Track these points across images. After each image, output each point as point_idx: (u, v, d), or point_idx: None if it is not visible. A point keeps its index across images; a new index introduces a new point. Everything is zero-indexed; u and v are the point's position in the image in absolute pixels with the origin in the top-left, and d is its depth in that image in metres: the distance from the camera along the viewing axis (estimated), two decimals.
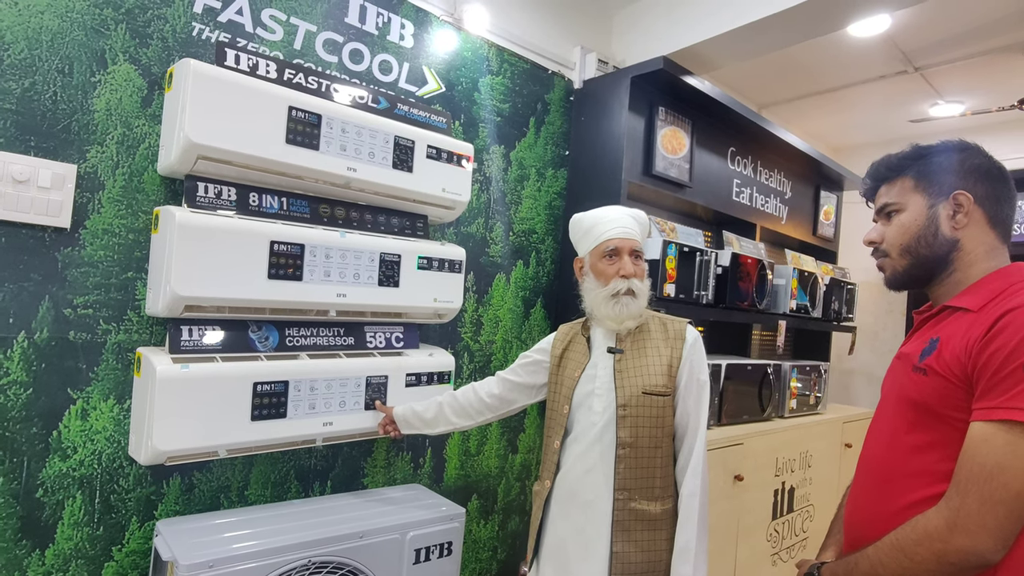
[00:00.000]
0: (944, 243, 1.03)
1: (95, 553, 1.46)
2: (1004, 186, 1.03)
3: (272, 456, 1.74)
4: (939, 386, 0.95)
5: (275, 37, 1.70)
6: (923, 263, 1.06)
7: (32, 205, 1.35)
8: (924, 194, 1.06)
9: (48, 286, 1.39)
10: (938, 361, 0.96)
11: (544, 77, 2.40)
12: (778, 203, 3.19)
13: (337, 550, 1.49)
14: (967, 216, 1.02)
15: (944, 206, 1.03)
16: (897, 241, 1.08)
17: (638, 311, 1.49)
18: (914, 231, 1.06)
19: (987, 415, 0.87)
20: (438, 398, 1.69)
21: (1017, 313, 0.89)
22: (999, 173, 1.04)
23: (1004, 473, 0.84)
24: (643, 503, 1.41)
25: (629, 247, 1.51)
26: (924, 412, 0.98)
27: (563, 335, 1.63)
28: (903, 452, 1.00)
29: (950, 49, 2.84)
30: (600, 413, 1.46)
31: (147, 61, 1.50)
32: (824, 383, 3.09)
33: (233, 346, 1.53)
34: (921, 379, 0.99)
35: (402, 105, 1.81)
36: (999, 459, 0.84)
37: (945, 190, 1.03)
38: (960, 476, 0.88)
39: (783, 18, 2.15)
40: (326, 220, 1.67)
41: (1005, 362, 0.87)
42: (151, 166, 1.52)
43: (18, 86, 1.35)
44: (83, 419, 1.44)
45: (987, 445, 0.86)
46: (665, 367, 1.46)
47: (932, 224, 1.04)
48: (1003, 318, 0.90)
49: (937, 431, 0.96)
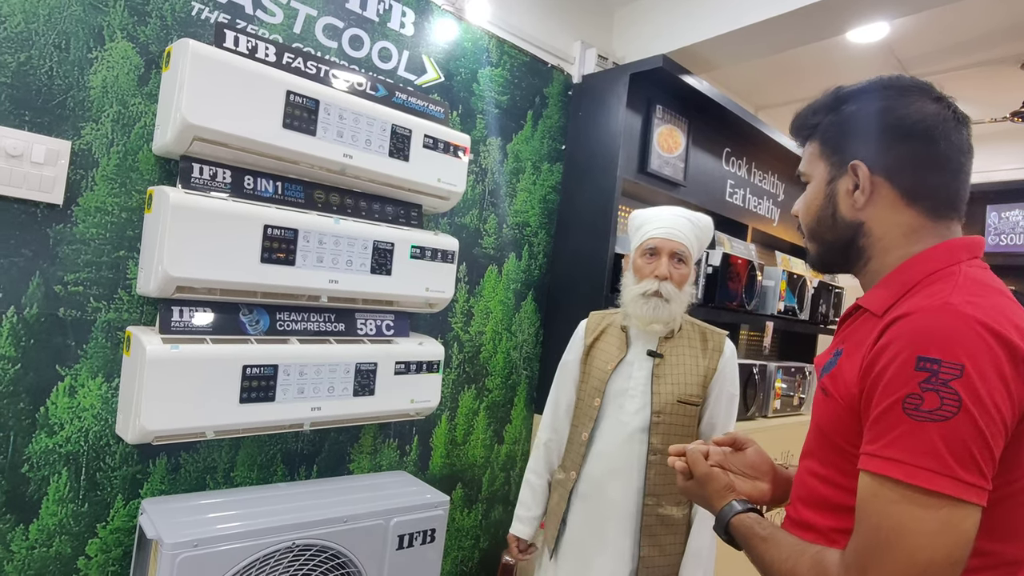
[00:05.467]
0: (845, 227, 0.83)
1: (79, 529, 1.47)
2: (929, 146, 0.78)
3: (259, 439, 1.75)
4: (837, 412, 0.77)
5: (275, 20, 1.69)
6: (830, 250, 0.87)
7: (25, 180, 1.34)
8: (827, 163, 0.85)
9: (39, 262, 1.39)
10: (834, 382, 0.79)
11: (543, 71, 2.40)
12: (771, 205, 3.22)
13: (321, 533, 1.51)
14: (864, 193, 0.80)
15: (844, 180, 0.83)
16: (804, 221, 0.90)
17: (668, 316, 1.46)
18: (814, 211, 0.87)
19: (867, 464, 0.69)
20: (528, 482, 1.66)
21: (903, 323, 0.69)
22: (919, 129, 0.78)
23: (904, 540, 0.65)
24: (669, 508, 1.44)
25: (670, 248, 1.47)
26: (827, 442, 0.81)
27: (595, 323, 1.61)
28: (813, 482, 0.84)
29: (946, 59, 2.87)
30: (632, 415, 1.45)
31: (145, 39, 1.50)
32: (808, 385, 3.13)
33: (223, 328, 1.53)
34: (823, 401, 0.81)
35: (400, 93, 1.81)
36: (894, 524, 0.65)
37: (845, 159, 0.82)
38: (858, 540, 0.69)
39: (783, 21, 2.16)
40: (320, 206, 1.67)
41: (884, 391, 0.68)
42: (146, 145, 1.51)
43: (14, 60, 1.34)
44: (71, 396, 1.44)
45: (877, 502, 0.67)
46: (700, 377, 1.46)
47: (830, 203, 0.84)
48: (889, 329, 0.70)
49: (841, 467, 0.78)
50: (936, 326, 0.67)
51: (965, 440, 0.63)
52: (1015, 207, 3.26)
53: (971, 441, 0.63)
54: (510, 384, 2.37)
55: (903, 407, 0.66)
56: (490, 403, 2.31)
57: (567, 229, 2.42)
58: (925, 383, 0.65)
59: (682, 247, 1.48)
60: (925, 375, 0.65)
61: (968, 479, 0.63)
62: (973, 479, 0.64)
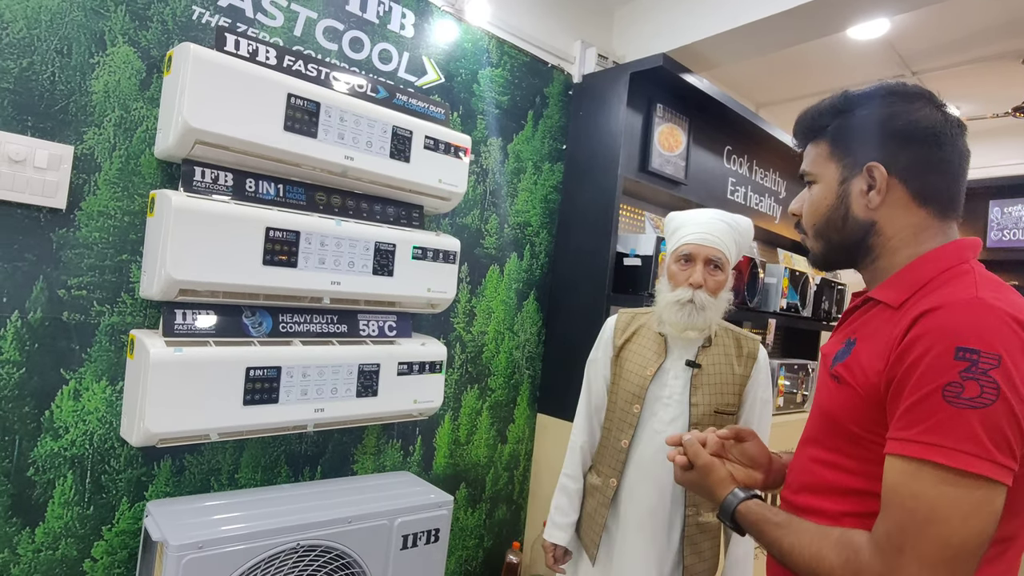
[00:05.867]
0: (857, 227, 0.86)
1: (85, 532, 1.48)
2: (936, 151, 0.82)
3: (263, 440, 1.75)
4: (851, 399, 0.80)
5: (275, 23, 1.70)
6: (836, 249, 0.90)
7: (28, 185, 1.35)
8: (839, 164, 0.87)
9: (43, 266, 1.39)
10: (849, 370, 0.81)
11: (543, 71, 2.40)
12: (772, 203, 3.21)
13: (326, 534, 1.51)
14: (880, 194, 0.83)
15: (857, 181, 0.85)
16: (810, 220, 0.92)
17: (704, 324, 1.42)
18: (823, 211, 0.89)
19: (903, 448, 0.71)
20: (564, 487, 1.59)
21: (936, 317, 0.72)
22: (928, 134, 0.82)
23: (940, 525, 0.68)
24: (707, 516, 1.44)
25: (705, 255, 1.43)
26: (837, 428, 0.83)
27: (624, 323, 1.57)
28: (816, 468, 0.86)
29: (947, 55, 2.86)
30: (667, 423, 1.44)
31: (146, 44, 1.50)
32: (811, 381, 3.13)
33: (226, 331, 1.54)
34: (835, 388, 0.84)
35: (401, 95, 1.81)
36: (931, 505, 0.68)
37: (860, 160, 0.84)
38: (890, 522, 0.71)
39: (784, 19, 2.16)
40: (322, 208, 1.68)
41: (921, 380, 0.70)
42: (148, 149, 1.52)
43: (16, 65, 1.34)
44: (75, 400, 1.45)
45: (915, 484, 0.70)
46: (736, 386, 1.45)
47: (842, 204, 0.86)
48: (919, 321, 0.73)
49: (850, 453, 0.80)
50: (972, 319, 0.70)
51: (1002, 425, 0.67)
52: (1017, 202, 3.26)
53: (1007, 426, 0.67)
54: (513, 384, 2.37)
55: (943, 395, 0.68)
56: (493, 403, 2.32)
57: (568, 228, 2.42)
58: (965, 372, 0.68)
59: (718, 253, 1.43)
60: (965, 364, 0.68)
61: (1003, 462, 0.67)
62: (1007, 461, 0.68)
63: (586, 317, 2.28)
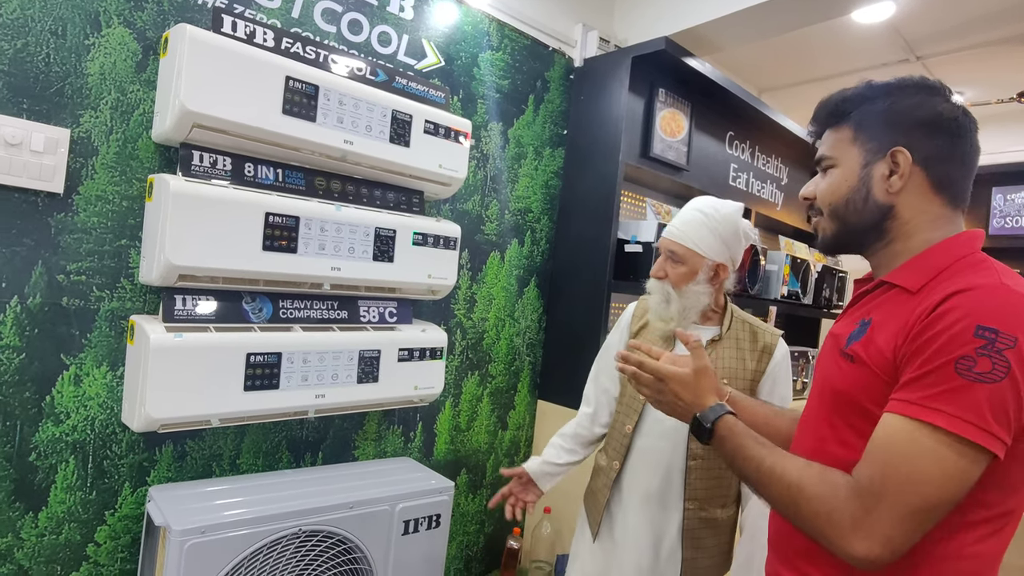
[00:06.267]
0: (876, 209, 0.89)
1: (88, 517, 1.48)
2: (956, 142, 0.86)
3: (264, 426, 1.75)
4: (865, 378, 0.83)
5: (273, 4, 1.67)
6: (851, 230, 0.92)
7: (25, 169, 1.33)
8: (861, 149, 0.90)
9: (41, 251, 1.38)
10: (866, 349, 0.84)
11: (544, 54, 2.37)
12: (774, 189, 3.20)
13: (327, 519, 1.52)
14: (902, 179, 0.86)
15: (879, 165, 0.88)
16: (827, 200, 0.94)
17: (669, 316, 1.44)
18: (843, 192, 0.91)
19: (904, 409, 0.75)
20: (556, 441, 1.63)
21: (963, 298, 0.76)
22: (952, 126, 0.86)
23: (924, 485, 0.72)
24: (712, 511, 1.44)
25: (666, 247, 1.47)
26: (849, 405, 0.86)
27: (642, 310, 1.59)
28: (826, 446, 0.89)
29: (952, 39, 2.83)
30: None
31: (142, 25, 1.48)
32: (811, 369, 3.13)
33: (227, 316, 1.53)
34: (847, 367, 0.87)
35: (400, 78, 1.79)
36: (920, 465, 0.73)
37: (884, 145, 0.88)
38: (875, 469, 0.76)
39: (788, 1, 2.13)
40: (322, 193, 1.66)
41: (937, 353, 0.74)
42: (145, 133, 1.50)
43: (10, 47, 1.32)
44: (76, 385, 1.44)
45: (910, 443, 0.74)
46: (747, 381, 1.43)
47: (863, 186, 0.89)
48: (947, 301, 0.76)
49: (862, 429, 0.83)
50: (996, 302, 0.75)
51: (1006, 400, 0.72)
52: (1020, 189, 3.24)
53: (1010, 403, 0.72)
54: (513, 370, 2.37)
55: (955, 367, 0.73)
56: (493, 389, 2.32)
57: (569, 215, 2.41)
58: (981, 349, 0.72)
59: (674, 245, 1.45)
60: (983, 342, 0.72)
61: (999, 434, 0.72)
62: (1002, 434, 0.72)
63: (587, 304, 2.28)
